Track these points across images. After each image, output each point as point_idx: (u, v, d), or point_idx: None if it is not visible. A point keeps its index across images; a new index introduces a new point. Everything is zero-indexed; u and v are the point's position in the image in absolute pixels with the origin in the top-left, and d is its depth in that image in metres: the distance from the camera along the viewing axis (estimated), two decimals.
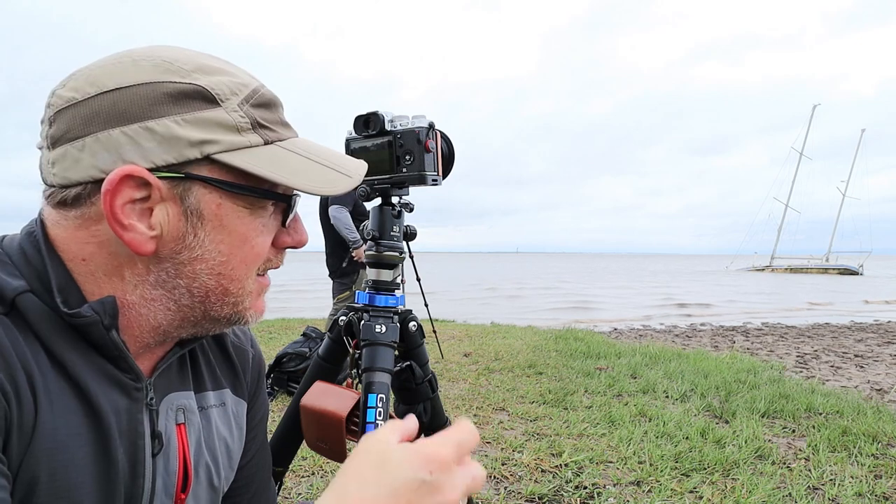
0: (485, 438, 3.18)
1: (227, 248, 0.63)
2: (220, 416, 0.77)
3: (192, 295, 0.63)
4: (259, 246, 0.65)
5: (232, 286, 0.65)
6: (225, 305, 0.65)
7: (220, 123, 0.60)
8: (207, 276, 0.63)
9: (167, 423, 0.68)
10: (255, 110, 0.63)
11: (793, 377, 5.25)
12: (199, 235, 0.61)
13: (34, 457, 0.54)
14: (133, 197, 0.57)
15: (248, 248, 0.64)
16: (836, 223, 67.95)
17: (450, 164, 1.23)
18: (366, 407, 1.08)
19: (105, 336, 0.59)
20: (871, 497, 2.54)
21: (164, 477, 0.67)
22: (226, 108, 0.60)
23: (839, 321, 11.08)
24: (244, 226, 0.63)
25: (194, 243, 0.61)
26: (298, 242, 0.71)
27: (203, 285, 0.63)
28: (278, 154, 0.63)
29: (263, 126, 0.63)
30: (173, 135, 0.57)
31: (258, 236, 0.65)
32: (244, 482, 0.83)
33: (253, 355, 0.85)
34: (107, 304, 0.59)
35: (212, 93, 0.60)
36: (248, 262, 0.65)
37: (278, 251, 0.70)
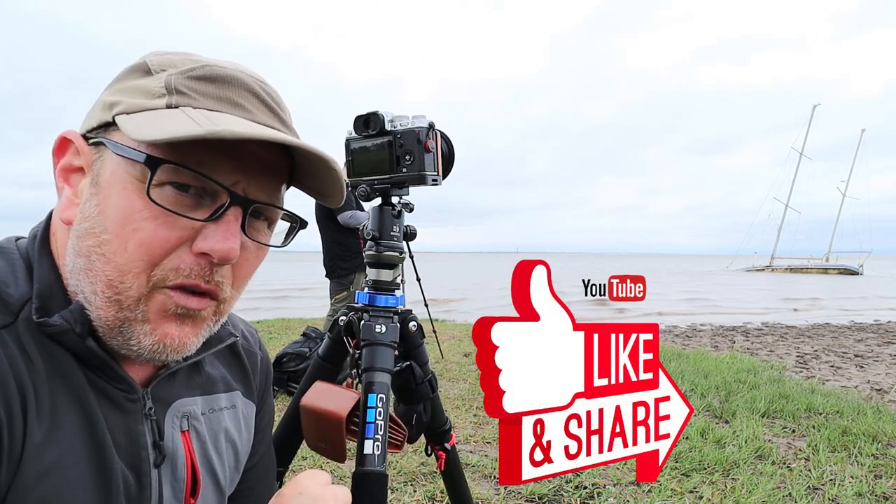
0: (485, 438, 3.18)
1: (111, 225, 0.54)
2: (231, 418, 0.76)
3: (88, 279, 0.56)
4: (145, 232, 0.54)
5: (113, 277, 0.54)
6: (109, 304, 0.55)
7: (138, 89, 0.58)
8: (96, 255, 0.55)
9: (173, 432, 0.66)
10: (187, 80, 0.57)
11: (793, 377, 5.25)
12: (92, 204, 0.56)
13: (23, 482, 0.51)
14: (72, 163, 0.59)
15: (131, 231, 0.54)
16: (836, 223, 67.98)
17: (450, 164, 1.23)
18: (366, 407, 1.07)
19: (81, 345, 0.56)
20: (871, 497, 2.54)
21: (172, 484, 0.66)
22: (155, 77, 0.58)
23: (839, 321, 11.08)
24: (128, 200, 0.54)
25: (88, 212, 0.56)
26: (212, 249, 0.56)
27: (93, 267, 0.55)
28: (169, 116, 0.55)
29: (180, 92, 0.57)
30: (102, 100, 0.59)
31: (145, 220, 0.54)
32: (250, 484, 0.82)
33: (261, 358, 0.84)
34: (76, 310, 0.56)
35: (149, 65, 0.59)
36: (129, 250, 0.54)
37: (197, 258, 0.57)
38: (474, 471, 2.73)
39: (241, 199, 0.58)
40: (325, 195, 0.68)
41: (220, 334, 0.73)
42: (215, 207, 0.57)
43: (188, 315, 0.59)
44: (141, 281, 0.55)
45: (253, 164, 0.59)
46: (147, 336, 0.57)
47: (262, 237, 0.64)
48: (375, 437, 1.05)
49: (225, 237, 0.56)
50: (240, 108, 0.59)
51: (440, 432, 1.36)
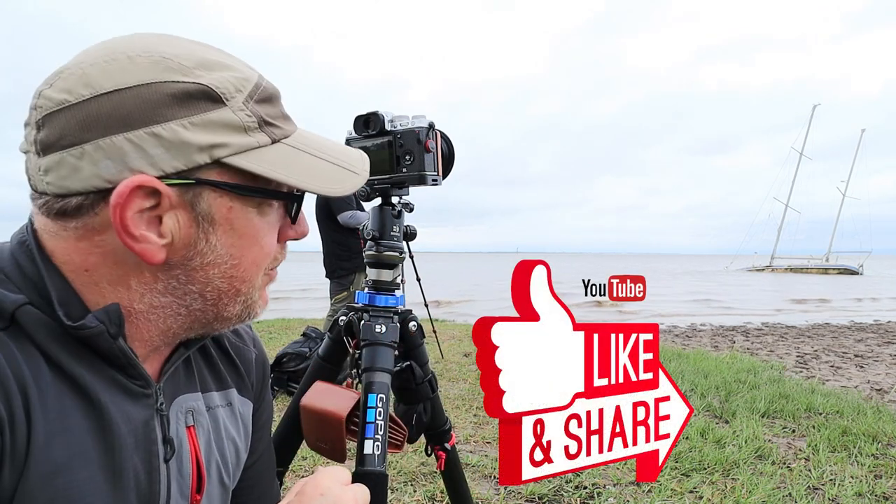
0: (485, 438, 3.18)
1: (238, 251, 0.62)
2: (228, 415, 0.76)
3: (205, 299, 0.63)
4: (268, 245, 0.65)
5: (244, 287, 0.65)
6: (237, 304, 0.65)
7: (227, 124, 0.57)
8: (220, 279, 0.62)
9: (178, 427, 0.67)
10: (260, 107, 0.61)
11: (793, 377, 5.25)
12: (212, 240, 0.60)
13: (28, 485, 0.51)
14: (142, 207, 0.55)
15: (258, 249, 0.64)
16: (836, 223, 68.00)
17: (450, 164, 1.23)
18: (366, 407, 1.07)
19: (112, 345, 0.57)
20: (871, 497, 2.54)
21: (178, 480, 0.66)
22: (231, 107, 0.58)
23: (839, 321, 11.08)
24: (253, 227, 0.63)
25: (206, 249, 0.60)
26: (301, 234, 0.70)
27: (216, 289, 0.63)
28: (286, 153, 0.63)
29: (269, 124, 0.62)
30: (181, 140, 0.55)
31: (266, 235, 0.65)
32: (250, 483, 0.82)
33: (256, 355, 0.84)
34: (111, 312, 0.57)
35: (217, 92, 0.57)
36: (258, 262, 0.65)
37: (282, 246, 0.69)
38: (474, 471, 2.73)
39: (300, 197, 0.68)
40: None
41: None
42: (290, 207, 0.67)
43: None
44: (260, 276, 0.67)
45: None
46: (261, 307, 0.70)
47: None
48: (375, 437, 1.05)
49: (305, 223, 0.70)
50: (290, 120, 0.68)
51: (440, 432, 1.36)
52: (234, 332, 0.82)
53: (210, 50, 0.61)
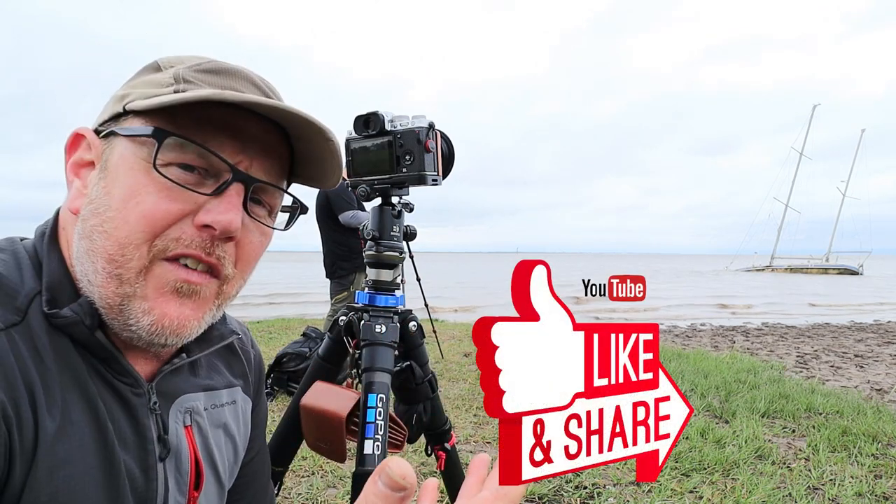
0: (485, 439, 3.18)
1: (115, 202, 0.56)
2: (231, 413, 0.77)
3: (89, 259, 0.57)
4: (146, 204, 0.56)
5: (114, 251, 0.56)
6: (109, 279, 0.56)
7: (148, 82, 0.61)
8: (97, 234, 0.57)
9: (177, 427, 0.67)
10: (193, 72, 0.61)
11: (793, 377, 5.25)
12: (99, 187, 0.58)
13: (36, 478, 0.53)
14: (83, 158, 0.61)
15: (134, 205, 0.56)
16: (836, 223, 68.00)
17: (450, 164, 1.23)
18: (366, 407, 1.07)
19: (90, 336, 0.58)
20: (871, 497, 2.54)
21: (176, 478, 0.67)
22: (164, 72, 0.62)
23: (839, 321, 11.08)
24: (133, 178, 0.57)
25: (94, 195, 0.58)
26: (214, 221, 0.58)
27: (94, 247, 0.57)
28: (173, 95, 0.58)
29: (187, 81, 0.60)
30: (113, 97, 0.62)
31: (149, 194, 0.56)
32: (246, 480, 0.83)
33: (255, 355, 0.85)
34: (84, 304, 0.58)
35: (160, 63, 0.63)
36: (131, 222, 0.56)
37: (199, 230, 0.58)
38: None
39: (244, 176, 0.60)
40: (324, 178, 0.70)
41: (222, 331, 0.75)
42: (219, 184, 0.59)
43: (189, 293, 0.59)
44: (142, 252, 0.56)
45: (255, 145, 0.62)
46: (145, 315, 0.57)
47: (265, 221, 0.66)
48: (375, 437, 1.05)
49: (227, 209, 0.58)
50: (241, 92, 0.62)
51: (440, 432, 1.36)
52: (237, 336, 0.83)
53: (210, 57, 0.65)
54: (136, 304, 0.57)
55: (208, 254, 0.59)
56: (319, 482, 2.54)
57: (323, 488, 2.50)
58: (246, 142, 0.61)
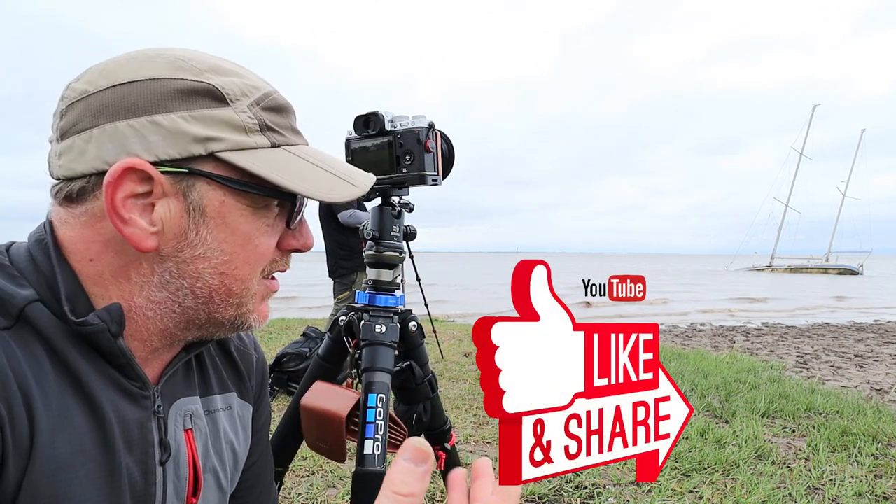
0: (485, 439, 3.18)
1: (229, 247, 0.62)
2: (227, 419, 0.77)
3: (196, 296, 0.62)
4: (263, 246, 0.64)
5: (235, 286, 0.63)
6: (229, 307, 0.64)
7: (227, 122, 0.59)
8: (210, 275, 0.61)
9: (176, 430, 0.67)
10: (265, 113, 0.62)
11: (793, 377, 5.25)
12: (202, 232, 0.60)
13: (32, 481, 0.52)
14: (135, 191, 0.56)
15: (252, 248, 0.63)
16: (836, 223, 68.00)
17: (450, 164, 1.23)
18: (366, 407, 1.07)
19: (112, 344, 0.58)
20: (871, 497, 2.54)
21: (174, 482, 0.66)
22: (235, 108, 0.60)
23: (839, 321, 11.08)
24: (247, 224, 0.62)
25: (196, 241, 0.60)
26: (304, 245, 0.69)
27: (206, 285, 0.62)
28: (284, 157, 0.63)
29: (272, 129, 0.62)
30: (179, 129, 0.57)
31: (262, 236, 0.64)
32: (249, 484, 0.83)
33: (257, 358, 0.85)
34: (113, 311, 0.58)
35: (222, 92, 0.59)
36: (251, 262, 0.64)
37: (283, 253, 0.69)
38: None
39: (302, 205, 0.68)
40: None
41: None
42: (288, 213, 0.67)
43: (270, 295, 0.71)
44: (257, 280, 0.66)
45: None
46: (256, 320, 0.68)
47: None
48: (375, 437, 1.05)
49: (307, 233, 0.70)
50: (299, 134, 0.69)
51: (440, 432, 1.36)
52: (237, 336, 0.83)
53: (227, 61, 0.64)
54: (250, 316, 0.67)
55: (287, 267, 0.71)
56: (319, 482, 2.54)
57: (323, 488, 2.50)
58: None
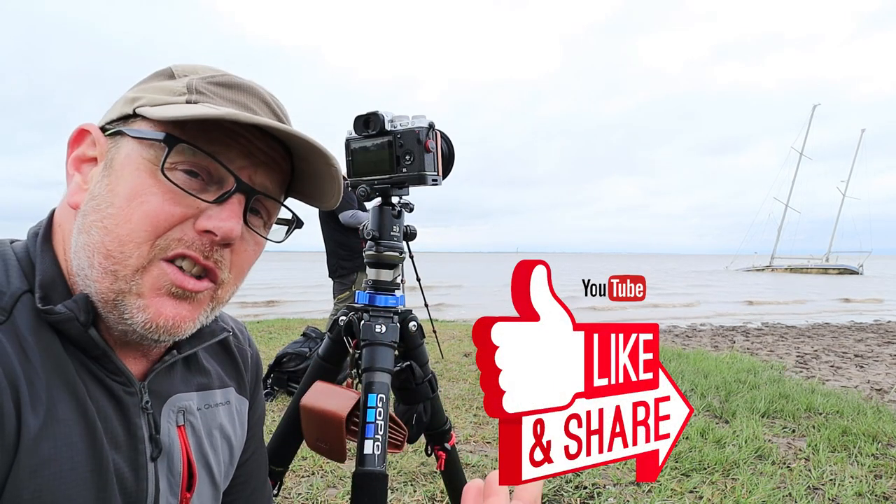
0: (485, 438, 3.18)
1: (118, 200, 0.57)
2: (226, 413, 0.77)
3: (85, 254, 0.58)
4: (151, 205, 0.57)
5: (113, 247, 0.57)
6: (105, 275, 0.57)
7: (161, 88, 0.63)
8: (96, 229, 0.57)
9: (169, 427, 0.67)
10: (208, 85, 0.64)
11: (793, 377, 5.25)
12: (102, 184, 0.59)
13: (17, 477, 0.52)
14: (86, 154, 0.62)
15: (138, 204, 0.57)
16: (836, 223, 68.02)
17: (450, 164, 1.23)
18: (366, 407, 1.07)
19: (83, 333, 0.58)
20: (871, 497, 2.54)
21: (168, 478, 0.66)
22: (178, 80, 0.64)
23: (839, 321, 11.08)
24: (138, 178, 0.58)
25: (97, 191, 0.59)
26: (216, 227, 0.59)
27: (90, 242, 0.57)
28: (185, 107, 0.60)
29: (199, 92, 0.62)
30: (124, 98, 0.64)
31: (153, 195, 0.57)
32: (243, 479, 0.83)
33: (251, 354, 0.85)
34: (80, 300, 0.58)
35: (173, 70, 0.65)
36: (133, 221, 0.57)
37: (200, 235, 0.60)
38: (474, 471, 2.73)
39: (246, 187, 0.62)
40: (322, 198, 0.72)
41: (213, 328, 0.75)
42: (222, 192, 0.61)
43: (185, 296, 0.61)
44: (142, 251, 0.57)
45: (259, 157, 0.65)
46: (140, 312, 0.58)
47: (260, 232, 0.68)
48: (375, 437, 1.05)
49: (228, 216, 0.60)
50: (251, 111, 0.64)
51: (440, 432, 1.36)
52: (234, 332, 0.83)
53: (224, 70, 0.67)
54: (132, 300, 0.58)
55: (206, 257, 0.60)
56: (319, 482, 2.54)
57: (323, 488, 2.50)
58: (251, 155, 0.64)
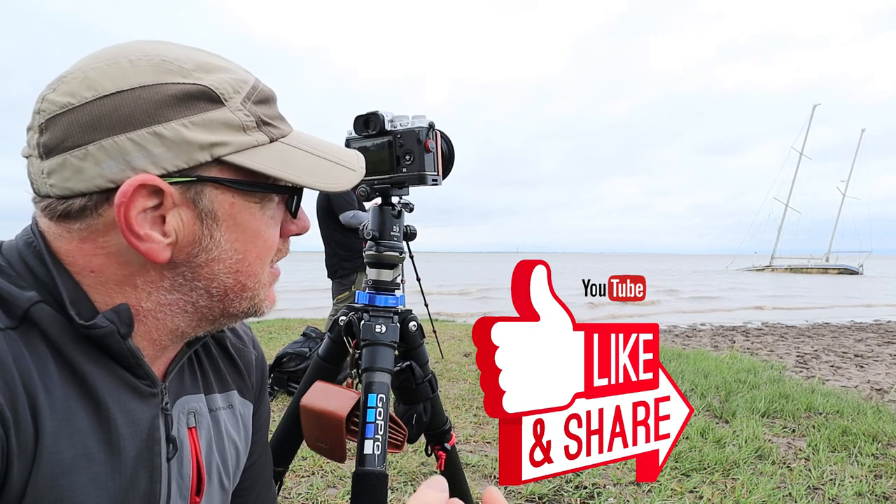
0: (485, 438, 3.18)
1: (242, 246, 0.63)
2: (229, 417, 0.77)
3: (211, 295, 0.63)
4: (271, 239, 0.67)
5: (249, 281, 0.65)
6: (243, 300, 0.66)
7: (226, 124, 0.59)
8: (226, 275, 0.63)
9: (180, 428, 0.67)
10: (258, 107, 0.63)
11: (793, 377, 5.25)
12: (216, 236, 0.61)
13: (36, 485, 0.52)
14: (146, 206, 0.56)
15: (262, 243, 0.65)
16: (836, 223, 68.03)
17: (450, 163, 1.23)
18: (366, 407, 1.07)
19: (122, 345, 0.58)
20: (871, 497, 2.54)
21: (178, 481, 0.66)
22: (230, 107, 0.59)
23: (839, 321, 11.08)
24: (256, 221, 0.64)
25: (211, 245, 0.61)
26: (303, 229, 0.72)
27: (221, 284, 0.63)
28: (284, 151, 0.64)
29: (267, 123, 0.63)
30: (182, 139, 0.56)
31: (269, 229, 0.66)
32: (248, 483, 0.83)
33: (256, 356, 0.85)
34: (121, 312, 0.58)
35: (216, 92, 0.58)
36: (262, 256, 0.66)
37: (284, 240, 0.71)
38: (474, 471, 2.73)
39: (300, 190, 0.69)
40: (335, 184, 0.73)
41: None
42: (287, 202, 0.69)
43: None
44: (266, 270, 0.68)
45: None
46: (268, 306, 0.70)
47: None
48: (375, 437, 1.05)
49: (306, 217, 0.72)
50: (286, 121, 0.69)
51: (440, 432, 1.36)
52: (234, 334, 0.83)
53: (208, 54, 0.63)
54: (263, 303, 0.69)
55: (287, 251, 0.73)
56: (319, 482, 2.54)
57: (323, 488, 2.50)
58: None
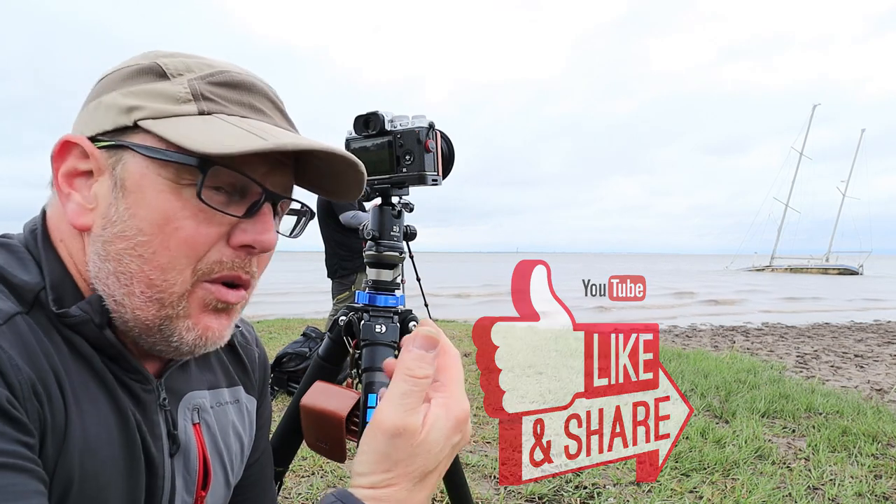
0: (485, 438, 3.18)
1: (147, 227, 0.56)
2: (236, 412, 0.77)
3: (119, 283, 0.57)
4: (187, 230, 0.56)
5: (156, 276, 0.56)
6: (150, 303, 0.57)
7: (159, 93, 0.57)
8: (130, 257, 0.56)
9: (185, 424, 0.67)
10: (210, 86, 0.59)
11: (793, 377, 5.25)
12: (120, 207, 0.56)
13: (67, 459, 0.53)
14: (77, 167, 0.58)
15: (173, 230, 0.56)
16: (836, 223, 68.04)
17: (450, 163, 1.23)
18: (366, 407, 1.07)
19: (99, 335, 0.58)
20: (871, 497, 2.54)
21: (184, 476, 0.67)
22: (174, 81, 0.58)
23: (839, 321, 11.08)
24: (166, 202, 0.55)
25: (115, 216, 0.56)
26: (255, 241, 0.59)
27: (127, 270, 0.56)
28: (207, 124, 0.57)
29: (208, 98, 0.58)
30: (113, 104, 0.58)
31: (185, 219, 0.56)
32: (251, 480, 0.83)
33: (259, 354, 0.85)
34: (93, 302, 0.57)
35: (163, 68, 0.58)
36: (171, 248, 0.56)
37: (237, 252, 0.59)
38: (474, 471, 2.73)
39: (272, 194, 0.60)
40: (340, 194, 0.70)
41: None
42: (249, 204, 0.59)
43: (226, 309, 0.61)
44: (185, 277, 0.57)
45: (275, 157, 0.62)
46: (189, 331, 0.59)
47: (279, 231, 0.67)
48: None
49: (264, 228, 0.60)
50: (262, 113, 0.62)
51: None
52: (240, 333, 0.83)
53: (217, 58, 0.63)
54: (180, 323, 0.58)
55: (246, 273, 0.61)
56: (319, 482, 2.54)
57: (323, 488, 2.50)
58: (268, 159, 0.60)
